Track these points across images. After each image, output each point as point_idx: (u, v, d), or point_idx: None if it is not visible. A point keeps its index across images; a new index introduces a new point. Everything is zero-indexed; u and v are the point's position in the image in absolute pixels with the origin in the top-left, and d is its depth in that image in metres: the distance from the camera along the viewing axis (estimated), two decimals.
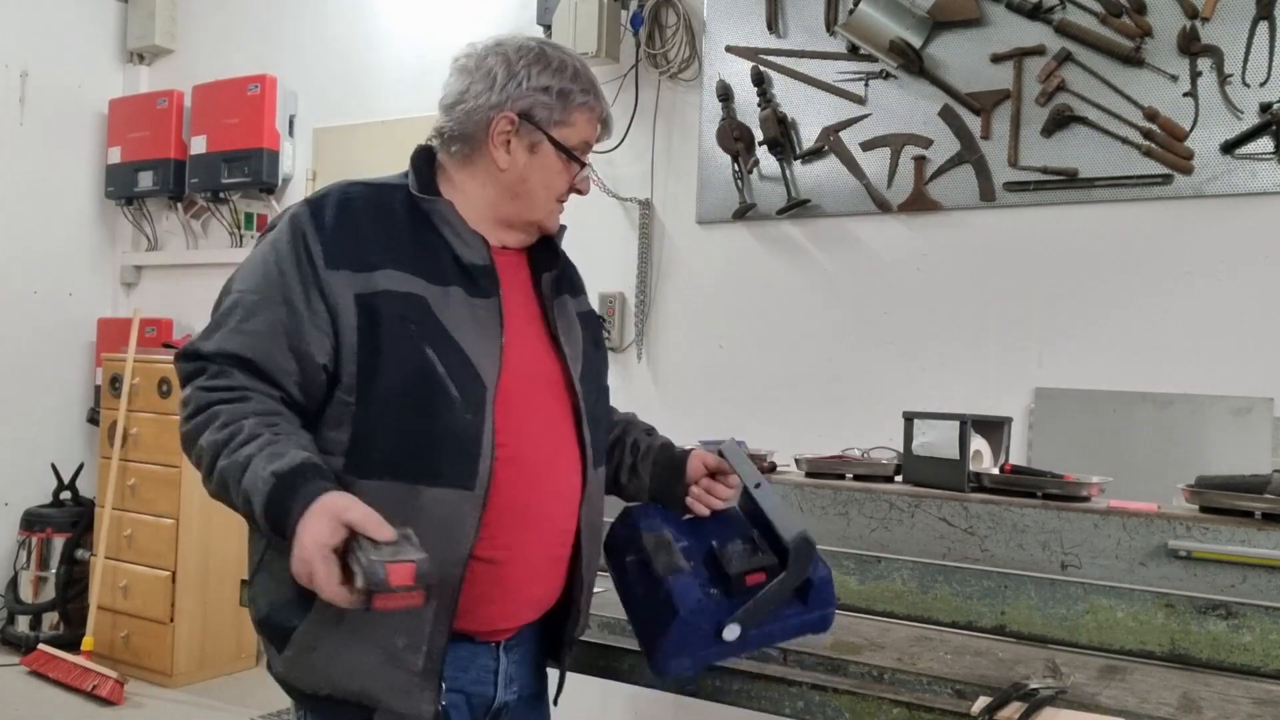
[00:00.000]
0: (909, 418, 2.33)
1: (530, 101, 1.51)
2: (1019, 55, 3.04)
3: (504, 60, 1.51)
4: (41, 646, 4.37)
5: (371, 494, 1.34)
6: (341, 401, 1.43)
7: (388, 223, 1.49)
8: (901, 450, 2.35)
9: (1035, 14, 3.01)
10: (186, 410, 1.40)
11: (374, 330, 1.41)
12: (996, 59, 3.08)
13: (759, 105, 3.41)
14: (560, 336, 1.63)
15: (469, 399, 1.43)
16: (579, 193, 1.65)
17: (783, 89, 3.42)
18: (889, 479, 2.36)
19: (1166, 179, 2.86)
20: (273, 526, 1.30)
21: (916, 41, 3.16)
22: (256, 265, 1.46)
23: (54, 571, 4.64)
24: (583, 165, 1.60)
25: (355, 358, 1.41)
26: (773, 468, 2.39)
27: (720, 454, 1.64)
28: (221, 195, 4.75)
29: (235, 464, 1.33)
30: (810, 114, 3.38)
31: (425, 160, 1.61)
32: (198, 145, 4.77)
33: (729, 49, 3.54)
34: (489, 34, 1.64)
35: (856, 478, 2.34)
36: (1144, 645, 1.89)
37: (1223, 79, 2.78)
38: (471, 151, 1.55)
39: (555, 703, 1.75)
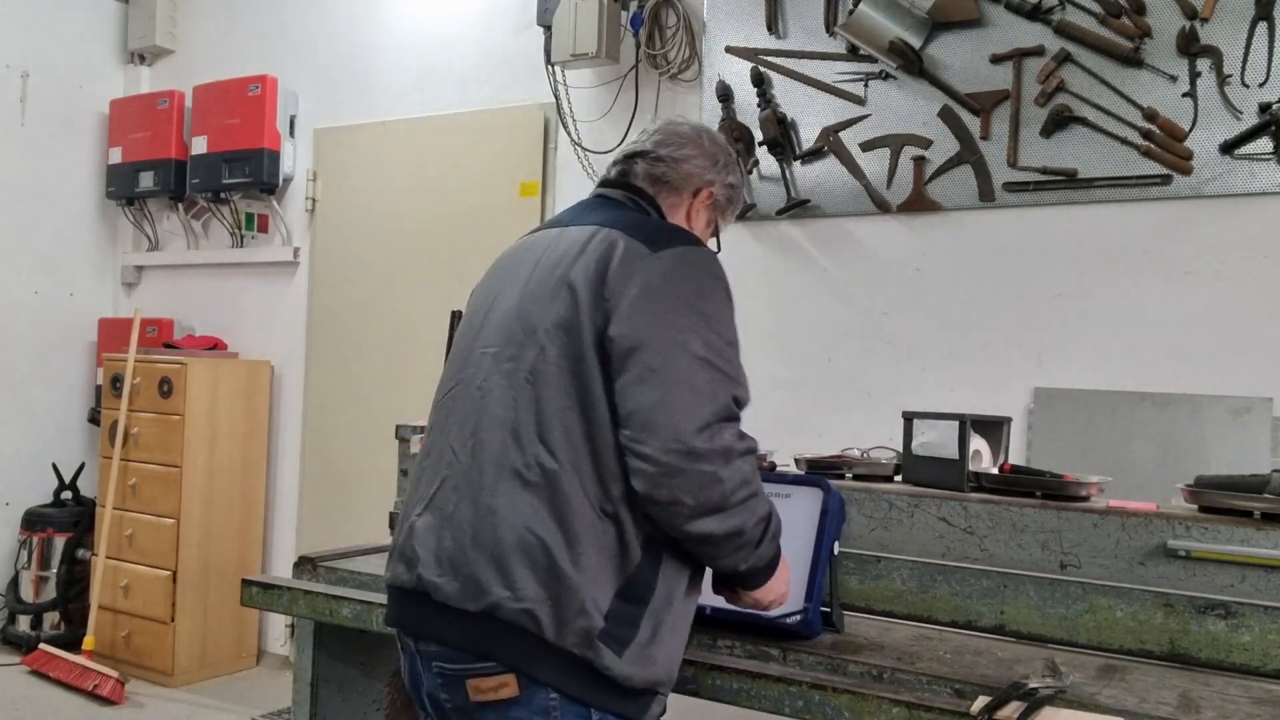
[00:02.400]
0: (909, 418, 2.33)
1: (726, 192, 1.84)
2: (1018, 56, 3.05)
3: (721, 149, 1.84)
4: (42, 646, 4.37)
5: None
6: None
7: None
8: (901, 450, 2.35)
9: (1035, 14, 3.02)
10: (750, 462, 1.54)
11: None
12: (996, 59, 3.08)
13: (759, 106, 3.41)
14: None
15: None
16: None
17: (782, 89, 3.43)
18: (889, 479, 2.36)
19: (1166, 179, 2.87)
20: (773, 558, 1.64)
21: (916, 42, 3.16)
22: (726, 310, 1.65)
23: (55, 571, 4.65)
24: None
25: None
26: (773, 467, 2.40)
27: None
28: (222, 195, 4.75)
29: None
30: (810, 114, 3.38)
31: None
32: (198, 145, 4.78)
33: (729, 49, 3.54)
34: (489, 34, 1.68)
35: (856, 477, 2.35)
36: (1143, 645, 1.90)
37: (1222, 79, 2.79)
38: (670, 197, 1.78)
39: None
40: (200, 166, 4.76)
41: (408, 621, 1.60)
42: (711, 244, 1.81)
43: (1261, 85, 2.75)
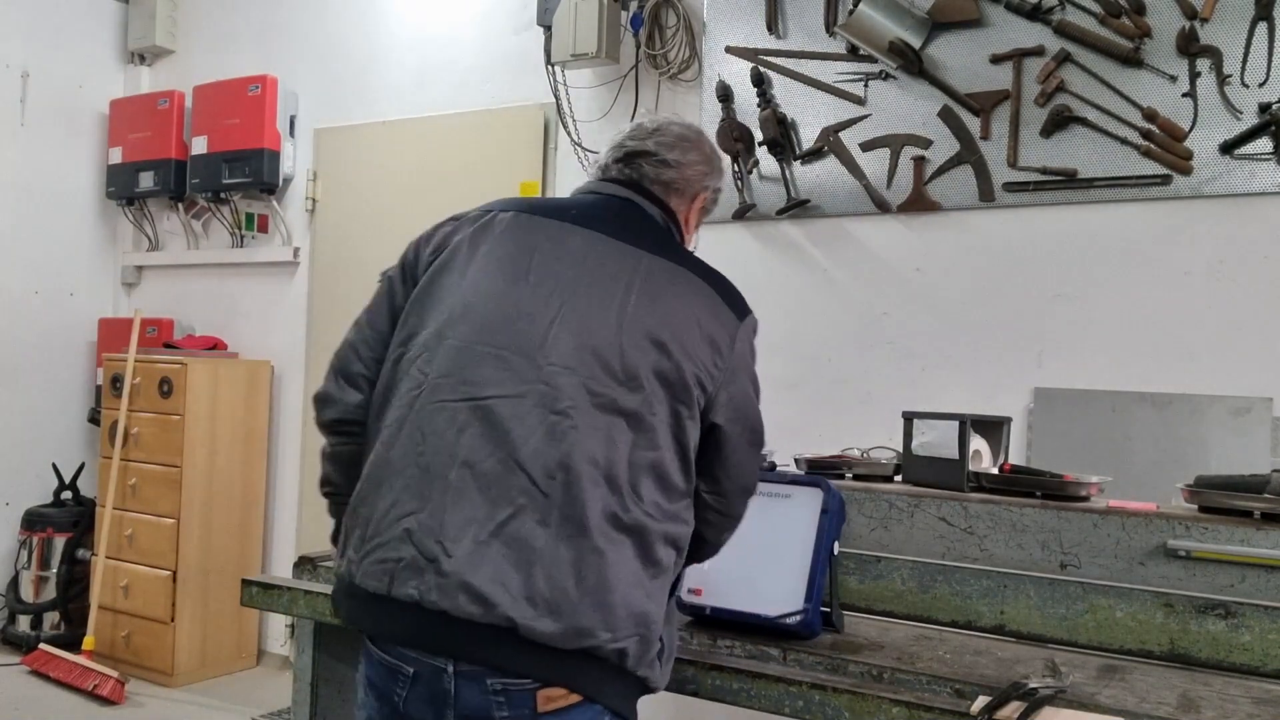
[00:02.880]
0: (909, 418, 2.34)
1: (714, 197, 1.88)
2: (1018, 56, 3.05)
3: (716, 152, 1.88)
4: (42, 646, 4.37)
5: None
6: None
7: None
8: (901, 450, 2.36)
9: (1035, 15, 3.02)
10: None
11: None
12: (996, 60, 3.08)
13: (759, 106, 3.41)
14: None
15: None
16: None
17: (782, 89, 3.43)
18: (889, 479, 2.36)
19: (1165, 179, 2.87)
20: None
21: (916, 42, 3.16)
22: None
23: (55, 571, 4.65)
24: None
25: None
26: (773, 467, 2.40)
27: None
28: (222, 196, 4.75)
29: None
30: (810, 114, 3.38)
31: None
32: (198, 145, 4.77)
33: (729, 49, 3.54)
34: (489, 34, 1.68)
35: (856, 477, 2.35)
36: (1143, 645, 1.90)
37: (1222, 79, 2.79)
38: (678, 204, 1.80)
39: None
40: (200, 166, 4.76)
41: (438, 642, 1.47)
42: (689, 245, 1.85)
43: (1261, 85, 2.75)
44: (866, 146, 3.29)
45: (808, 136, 3.39)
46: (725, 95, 3.48)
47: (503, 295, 1.59)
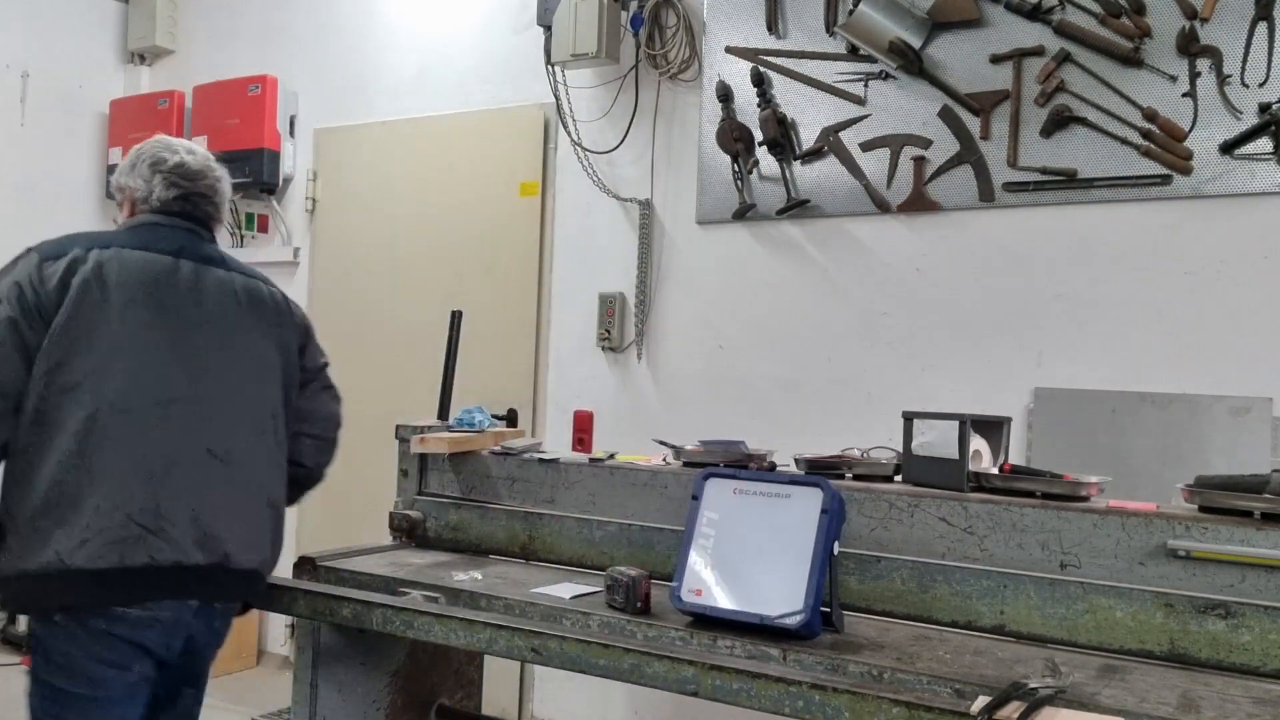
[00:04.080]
0: (909, 418, 2.33)
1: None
2: (1018, 56, 3.05)
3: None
4: None
5: None
6: None
7: None
8: (901, 450, 2.35)
9: (1035, 15, 3.02)
10: None
11: None
12: (996, 60, 3.08)
13: (759, 106, 3.41)
14: None
15: None
16: None
17: (782, 89, 3.43)
18: (889, 479, 2.36)
19: (1165, 179, 2.87)
20: None
21: (916, 42, 3.16)
22: None
23: None
24: None
25: None
26: (772, 467, 2.40)
27: None
28: None
29: None
30: (810, 114, 3.38)
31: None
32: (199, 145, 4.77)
33: (729, 49, 3.54)
34: (489, 34, 1.67)
35: (856, 477, 2.35)
36: (1143, 645, 1.90)
37: (1222, 79, 2.79)
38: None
39: None
40: None
41: (206, 590, 2.04)
42: None
43: (1261, 85, 2.75)
44: (866, 146, 3.29)
45: (808, 136, 3.38)
46: (725, 95, 3.48)
47: (154, 323, 2.09)
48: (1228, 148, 2.79)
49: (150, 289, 2.02)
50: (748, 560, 2.00)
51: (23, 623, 4.66)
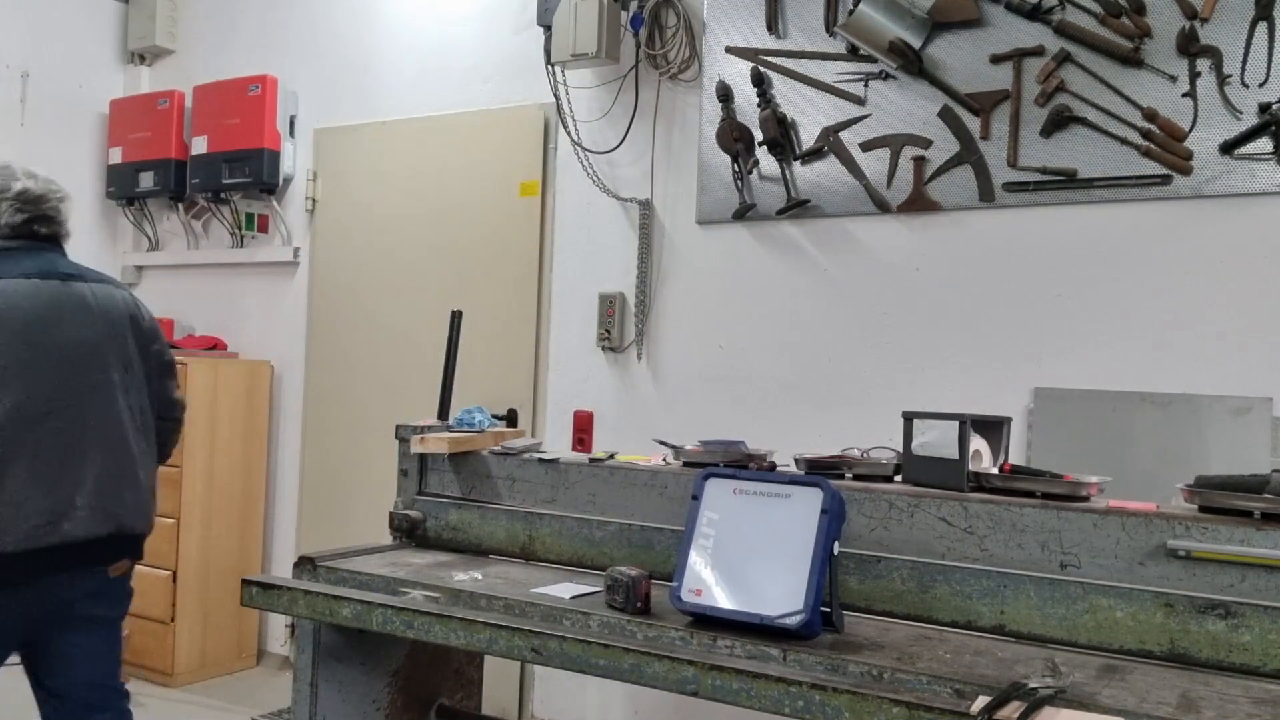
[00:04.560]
0: (909, 417, 2.33)
1: None
2: (1018, 56, 3.05)
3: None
4: None
5: None
6: None
7: None
8: (901, 450, 2.35)
9: (1035, 14, 3.02)
10: None
11: None
12: (996, 59, 3.08)
13: (759, 105, 3.41)
14: None
15: None
16: None
17: (782, 89, 3.43)
18: (889, 479, 2.36)
19: (1166, 179, 2.87)
20: None
21: (916, 42, 3.16)
22: None
23: None
24: None
25: None
26: (772, 467, 2.40)
27: None
28: (222, 196, 4.75)
29: None
30: (810, 114, 3.38)
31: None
32: (198, 146, 4.78)
33: (729, 49, 3.54)
34: (489, 34, 1.67)
35: (856, 477, 2.35)
36: (1143, 645, 1.90)
37: (1222, 79, 2.79)
38: None
39: None
40: (200, 166, 4.76)
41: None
42: None
43: (1261, 85, 2.75)
44: (866, 146, 3.29)
45: (808, 136, 3.39)
46: (725, 95, 3.48)
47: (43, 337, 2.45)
48: (1228, 148, 2.79)
49: (28, 312, 2.36)
50: (748, 560, 2.00)
51: None
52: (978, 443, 2.27)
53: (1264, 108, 2.73)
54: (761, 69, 3.44)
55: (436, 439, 2.72)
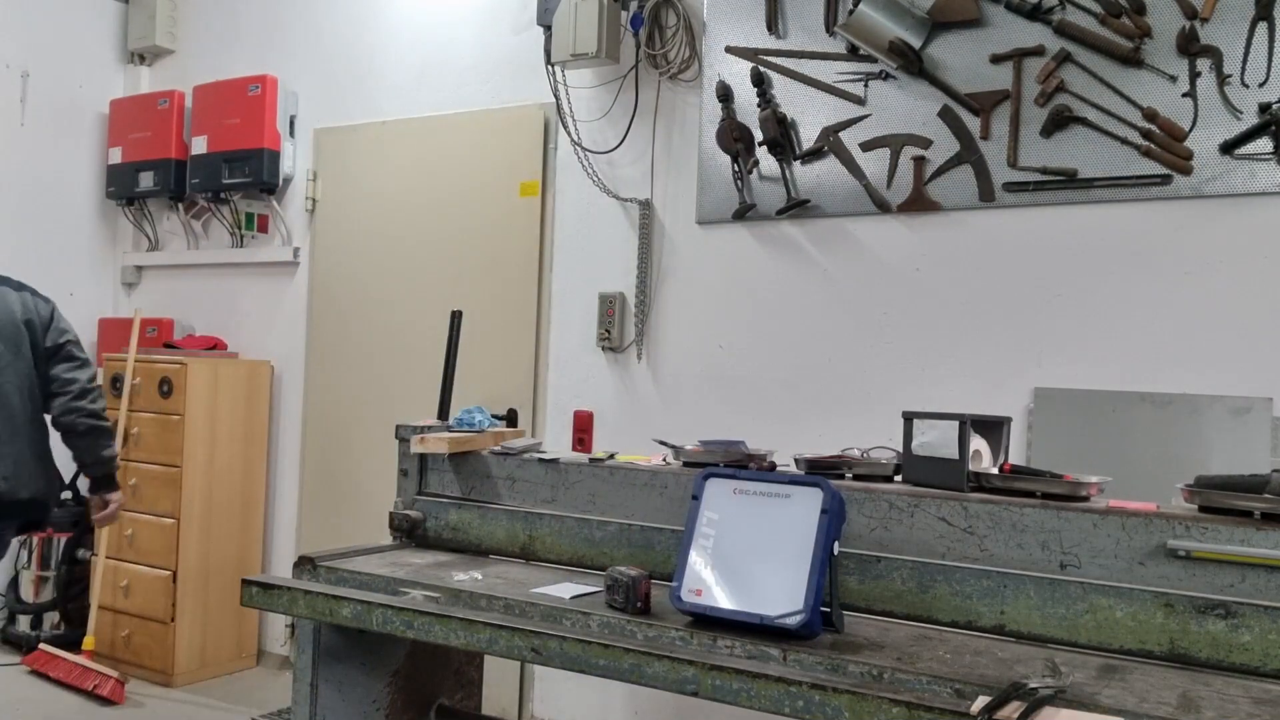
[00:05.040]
0: (909, 418, 2.33)
1: None
2: (1018, 56, 3.05)
3: None
4: (42, 646, 4.37)
5: None
6: None
7: None
8: (901, 450, 2.36)
9: (1035, 14, 3.02)
10: None
11: None
12: (996, 59, 3.08)
13: (759, 105, 3.41)
14: None
15: None
16: None
17: (782, 89, 3.43)
18: (889, 479, 2.36)
19: (1166, 179, 2.87)
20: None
21: (916, 42, 3.16)
22: None
23: (55, 571, 4.65)
24: None
25: None
26: (772, 467, 2.40)
27: None
28: (222, 195, 4.75)
29: None
30: (810, 114, 3.38)
31: None
32: (198, 145, 4.78)
33: (729, 49, 3.54)
34: (489, 34, 1.67)
35: (856, 477, 2.35)
36: (1143, 645, 1.90)
37: (1222, 79, 2.79)
38: None
39: None
40: (200, 166, 4.76)
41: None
42: None
43: (1261, 85, 2.75)
44: (866, 146, 3.29)
45: (808, 136, 3.39)
46: (725, 95, 3.48)
47: None
48: (1228, 148, 2.79)
49: None
50: (748, 560, 2.00)
51: (23, 622, 4.66)
52: (978, 443, 2.27)
53: (1264, 108, 2.73)
54: (761, 69, 3.44)
55: (436, 439, 2.72)
